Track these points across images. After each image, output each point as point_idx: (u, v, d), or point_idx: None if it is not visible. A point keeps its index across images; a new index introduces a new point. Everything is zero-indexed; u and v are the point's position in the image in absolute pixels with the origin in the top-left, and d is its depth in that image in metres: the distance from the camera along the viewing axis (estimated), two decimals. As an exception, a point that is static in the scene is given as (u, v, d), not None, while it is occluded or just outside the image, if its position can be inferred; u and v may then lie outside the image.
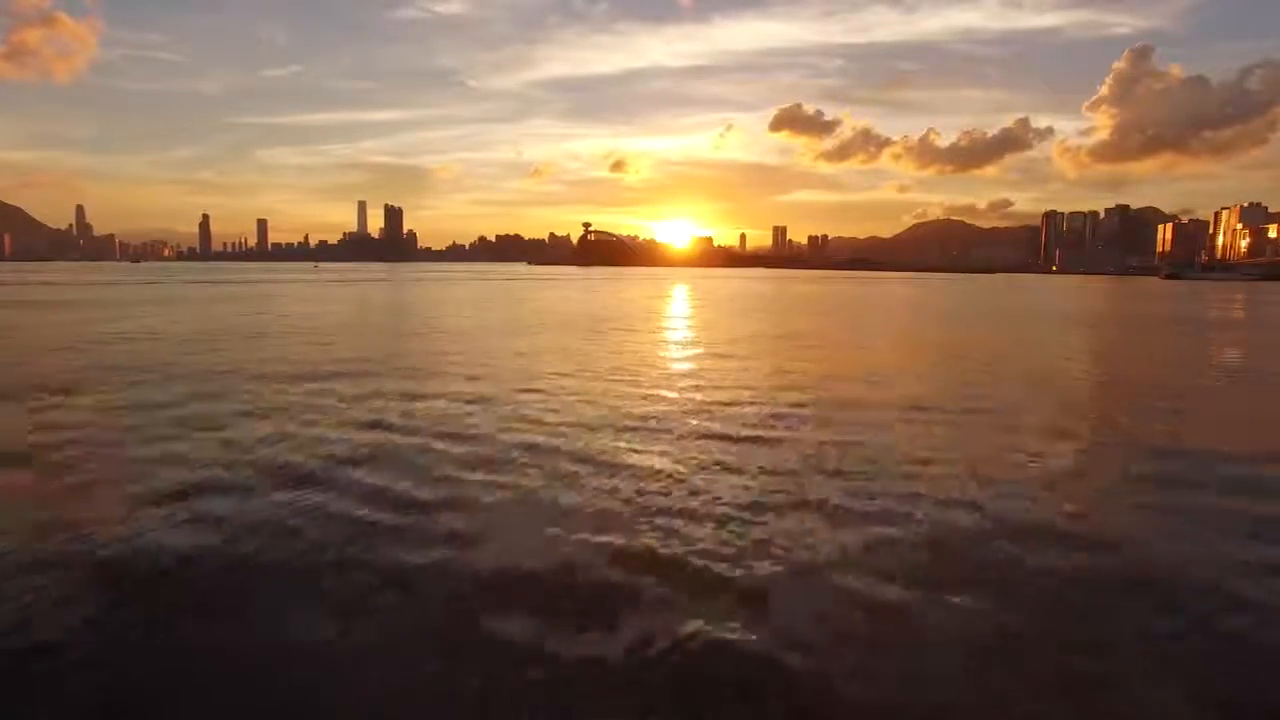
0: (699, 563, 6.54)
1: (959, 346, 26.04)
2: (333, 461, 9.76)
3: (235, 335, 24.94)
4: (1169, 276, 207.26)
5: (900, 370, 19.60)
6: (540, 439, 11.01)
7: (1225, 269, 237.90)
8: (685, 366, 19.19)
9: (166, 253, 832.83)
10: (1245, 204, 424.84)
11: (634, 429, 11.87)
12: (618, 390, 15.35)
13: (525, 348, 22.17)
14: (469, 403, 13.84)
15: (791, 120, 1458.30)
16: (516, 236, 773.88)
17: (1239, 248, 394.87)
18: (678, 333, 29.04)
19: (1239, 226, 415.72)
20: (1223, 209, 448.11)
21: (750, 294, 74.10)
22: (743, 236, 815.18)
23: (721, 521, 7.58)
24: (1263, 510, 8.20)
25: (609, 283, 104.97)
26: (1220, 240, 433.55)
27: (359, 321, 32.44)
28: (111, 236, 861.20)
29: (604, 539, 7.09)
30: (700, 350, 22.88)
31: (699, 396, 14.80)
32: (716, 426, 12.06)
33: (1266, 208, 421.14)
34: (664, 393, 15.23)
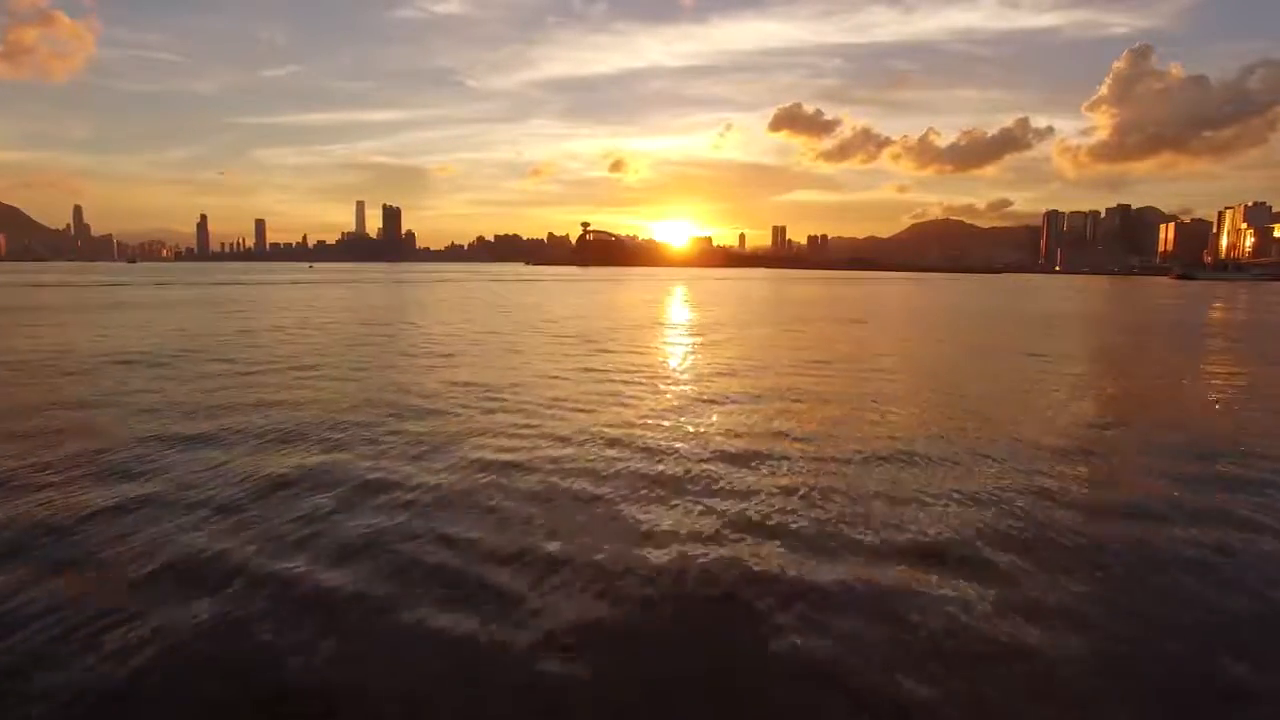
0: None
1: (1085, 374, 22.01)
2: None
3: (143, 363, 20.59)
4: (1181, 276, 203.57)
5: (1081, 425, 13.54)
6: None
7: (1237, 269, 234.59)
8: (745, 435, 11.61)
9: (165, 253, 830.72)
10: (1250, 203, 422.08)
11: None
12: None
13: (500, 395, 17.89)
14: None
15: (790, 120, 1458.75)
16: (515, 236, 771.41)
17: (1244, 247, 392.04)
18: (698, 356, 23.52)
19: (1244, 226, 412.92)
20: (1226, 208, 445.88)
21: (757, 297, 70.16)
22: (742, 236, 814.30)
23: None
24: None
25: (608, 284, 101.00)
26: (1224, 240, 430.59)
27: (323, 337, 28.45)
28: (109, 236, 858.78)
29: None
30: (750, 394, 15.68)
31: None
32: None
33: (1270, 207, 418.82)
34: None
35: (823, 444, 11.25)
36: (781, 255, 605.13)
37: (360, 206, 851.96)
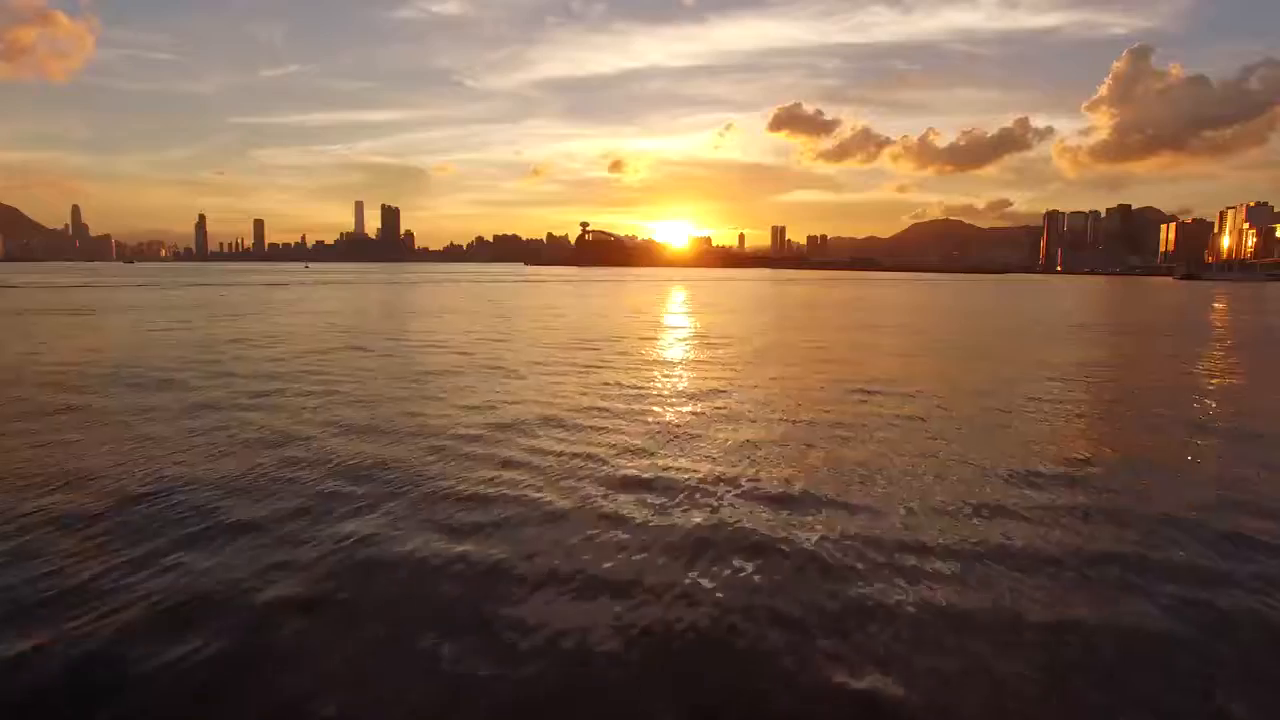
0: None
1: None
2: None
3: (56, 385, 17.98)
4: (1186, 277, 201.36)
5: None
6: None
7: (1243, 269, 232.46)
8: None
9: (163, 253, 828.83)
10: (1251, 203, 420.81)
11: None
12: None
13: (478, 435, 14.52)
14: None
15: (790, 120, 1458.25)
16: (514, 237, 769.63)
17: (1246, 247, 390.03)
18: (712, 378, 18.86)
19: (1246, 226, 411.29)
20: (1228, 208, 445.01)
21: (761, 300, 67.55)
22: (741, 236, 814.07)
23: None
24: None
25: (607, 285, 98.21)
26: (1226, 240, 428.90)
27: (283, 348, 25.93)
28: (108, 237, 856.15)
29: None
30: (785, 437, 12.13)
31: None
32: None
33: (1272, 207, 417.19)
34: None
35: (885, 522, 8.62)
36: (781, 255, 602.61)
37: (359, 207, 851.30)
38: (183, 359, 21.34)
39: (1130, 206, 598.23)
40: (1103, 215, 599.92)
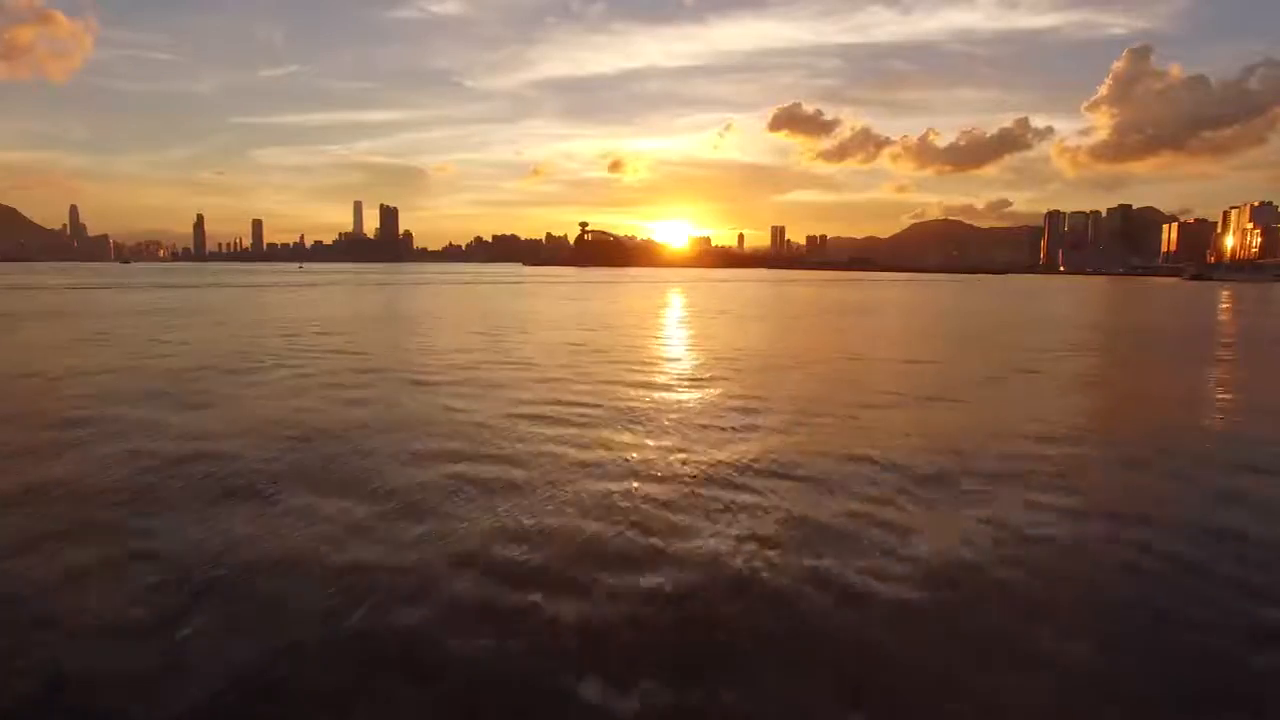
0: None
1: None
2: None
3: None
4: (1195, 277, 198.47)
5: None
6: None
7: (1253, 268, 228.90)
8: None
9: (161, 253, 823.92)
10: (1256, 203, 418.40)
11: None
12: None
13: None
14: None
15: (790, 120, 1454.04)
16: (513, 237, 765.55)
17: (1251, 247, 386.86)
18: (735, 424, 14.96)
19: (1250, 225, 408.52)
20: (1231, 208, 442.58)
21: (768, 304, 64.53)
22: (741, 236, 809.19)
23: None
24: None
25: (604, 288, 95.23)
26: (1230, 240, 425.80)
27: (215, 363, 22.94)
28: (105, 237, 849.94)
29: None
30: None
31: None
32: None
33: (1276, 206, 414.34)
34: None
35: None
36: (780, 256, 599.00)
37: (358, 207, 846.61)
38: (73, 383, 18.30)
39: (1130, 206, 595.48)
40: (1103, 215, 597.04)
